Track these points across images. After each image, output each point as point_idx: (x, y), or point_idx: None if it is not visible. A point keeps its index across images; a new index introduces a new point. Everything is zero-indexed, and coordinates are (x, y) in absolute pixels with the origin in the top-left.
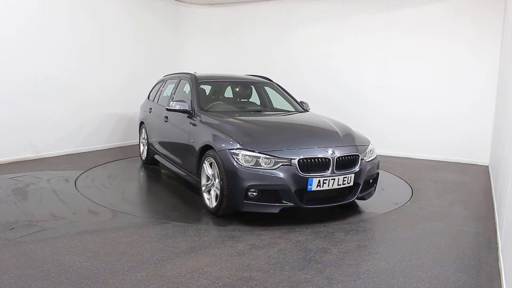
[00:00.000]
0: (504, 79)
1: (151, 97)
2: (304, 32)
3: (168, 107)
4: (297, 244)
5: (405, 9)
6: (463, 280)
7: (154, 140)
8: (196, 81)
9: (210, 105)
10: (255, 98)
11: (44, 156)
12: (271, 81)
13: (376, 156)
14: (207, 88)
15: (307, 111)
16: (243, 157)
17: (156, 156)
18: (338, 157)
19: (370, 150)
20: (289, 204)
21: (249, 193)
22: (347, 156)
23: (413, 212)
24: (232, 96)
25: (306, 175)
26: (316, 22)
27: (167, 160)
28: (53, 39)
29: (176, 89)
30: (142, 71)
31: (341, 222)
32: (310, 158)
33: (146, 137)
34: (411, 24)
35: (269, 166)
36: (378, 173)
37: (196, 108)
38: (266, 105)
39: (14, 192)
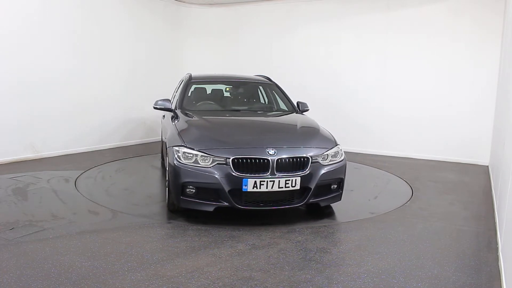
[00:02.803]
0: (504, 79)
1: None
2: (304, 32)
3: (154, 106)
4: (297, 244)
5: (405, 9)
6: (463, 280)
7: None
8: (188, 80)
9: (198, 104)
10: (247, 98)
11: (44, 156)
12: (271, 81)
13: (342, 160)
14: (202, 88)
15: (301, 111)
16: (183, 154)
17: None
18: (280, 159)
19: (335, 153)
20: (224, 203)
21: (187, 190)
22: (291, 158)
23: (413, 212)
24: (223, 96)
25: (241, 175)
26: (316, 22)
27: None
28: (52, 39)
29: (179, 88)
30: (142, 71)
31: (341, 222)
32: (246, 158)
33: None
34: (411, 24)
35: (207, 164)
36: (342, 178)
37: (177, 107)
38: (256, 105)
39: (14, 192)
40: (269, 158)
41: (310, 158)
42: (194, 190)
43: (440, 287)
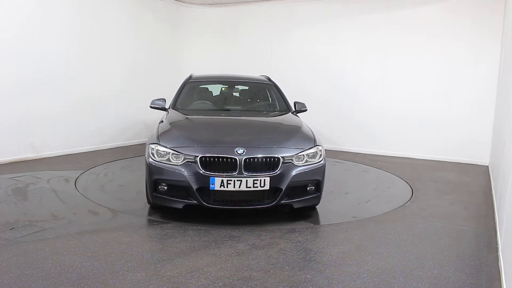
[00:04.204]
0: (504, 79)
1: None
2: (304, 32)
3: (150, 105)
4: (297, 244)
5: (404, 10)
6: (463, 280)
7: None
8: (186, 80)
9: (192, 104)
10: (243, 98)
11: (44, 156)
12: (270, 81)
13: (321, 161)
14: (199, 88)
15: (297, 112)
16: (156, 152)
17: None
18: (248, 158)
19: (313, 153)
20: (193, 201)
21: (159, 187)
22: (260, 157)
23: (413, 212)
24: (218, 96)
25: (208, 173)
26: (316, 22)
27: None
28: (52, 39)
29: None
30: (142, 71)
31: (341, 222)
32: (213, 157)
33: None
34: (411, 24)
35: (178, 162)
36: (319, 180)
37: (170, 106)
38: (250, 105)
39: (14, 192)
40: (237, 157)
41: (281, 158)
42: (166, 187)
43: (440, 287)
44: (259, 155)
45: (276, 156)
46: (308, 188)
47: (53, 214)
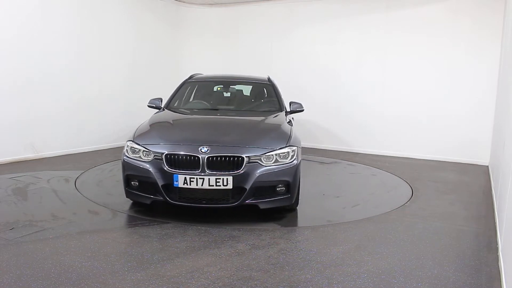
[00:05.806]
0: (504, 79)
1: None
2: (304, 32)
3: (148, 104)
4: (297, 244)
5: (404, 10)
6: (463, 280)
7: None
8: (185, 80)
9: (186, 103)
10: (238, 97)
11: (44, 156)
12: (269, 81)
13: (292, 161)
14: (197, 88)
15: (291, 112)
16: (130, 149)
17: None
18: (211, 157)
19: (285, 154)
20: (159, 197)
21: (132, 183)
22: (224, 156)
23: (413, 212)
24: (213, 96)
25: (172, 170)
26: (316, 22)
27: None
28: (52, 39)
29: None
30: (142, 71)
31: (341, 222)
32: (177, 154)
33: None
34: (411, 24)
35: (148, 159)
36: (288, 181)
37: (165, 106)
38: (243, 105)
39: (14, 192)
40: (200, 155)
41: (245, 158)
42: (137, 183)
43: (440, 287)
44: (223, 154)
45: (240, 155)
46: (277, 189)
47: (53, 214)
